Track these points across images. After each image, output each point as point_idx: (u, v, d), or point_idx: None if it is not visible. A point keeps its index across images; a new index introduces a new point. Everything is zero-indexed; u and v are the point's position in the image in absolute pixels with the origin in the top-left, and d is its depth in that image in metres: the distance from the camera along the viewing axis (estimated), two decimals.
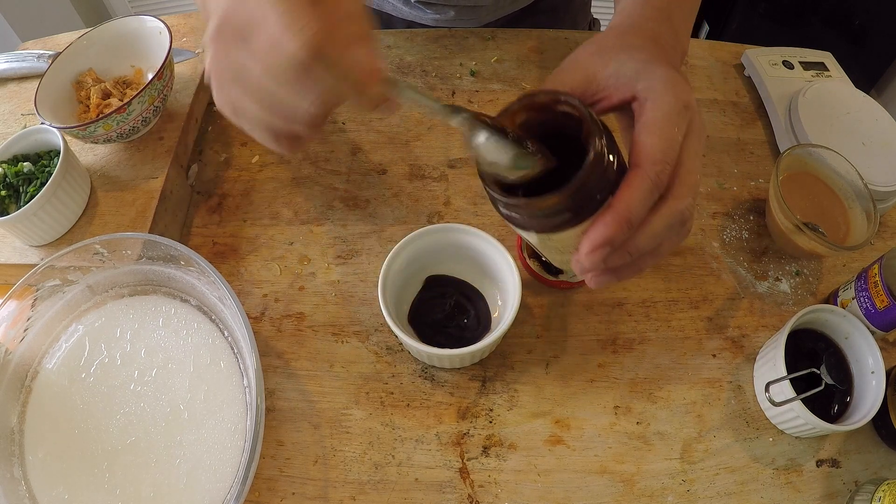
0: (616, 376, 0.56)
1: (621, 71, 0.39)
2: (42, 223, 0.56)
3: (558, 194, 0.34)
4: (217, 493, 0.48)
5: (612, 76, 0.40)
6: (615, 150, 0.36)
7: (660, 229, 0.37)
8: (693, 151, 0.37)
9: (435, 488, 0.50)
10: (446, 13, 0.80)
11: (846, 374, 0.53)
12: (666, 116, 0.36)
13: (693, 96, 0.38)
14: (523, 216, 0.37)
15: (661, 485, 0.51)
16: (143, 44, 0.66)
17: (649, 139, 0.36)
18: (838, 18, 1.72)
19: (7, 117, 0.71)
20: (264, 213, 0.65)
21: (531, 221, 0.37)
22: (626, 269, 0.39)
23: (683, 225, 0.38)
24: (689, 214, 0.38)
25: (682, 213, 0.37)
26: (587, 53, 0.42)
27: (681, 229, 0.39)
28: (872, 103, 0.69)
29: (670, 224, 0.37)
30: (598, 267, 0.37)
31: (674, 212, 0.37)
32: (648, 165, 0.35)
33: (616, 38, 0.43)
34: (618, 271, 0.39)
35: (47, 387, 0.53)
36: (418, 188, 0.67)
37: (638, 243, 0.37)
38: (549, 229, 0.37)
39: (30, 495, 0.48)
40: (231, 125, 0.72)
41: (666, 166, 0.35)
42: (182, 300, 0.57)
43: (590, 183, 0.34)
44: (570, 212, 0.35)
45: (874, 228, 0.57)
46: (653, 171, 0.35)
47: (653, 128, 0.36)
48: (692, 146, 0.37)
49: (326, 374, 0.56)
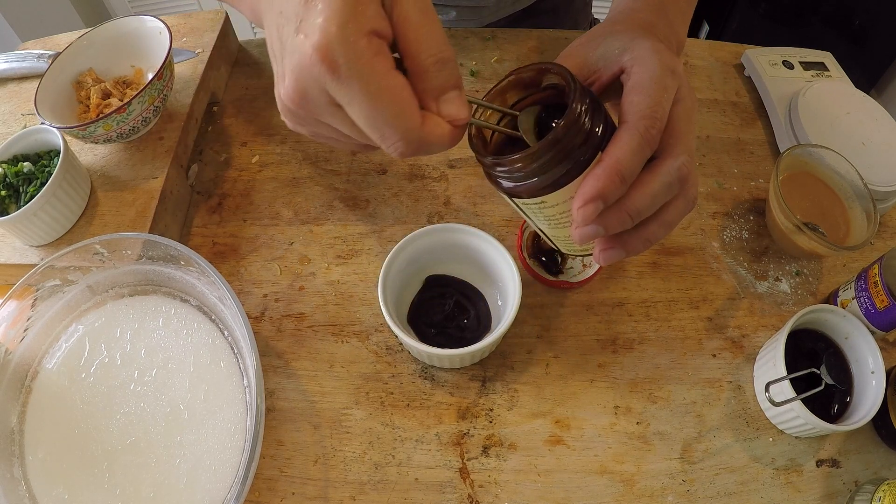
0: (616, 376, 0.56)
1: (609, 50, 0.40)
2: (42, 223, 0.56)
3: (540, 144, 0.33)
4: (217, 493, 0.48)
5: (601, 58, 0.40)
6: (602, 112, 0.35)
7: (656, 187, 0.36)
8: (684, 115, 0.37)
9: (435, 488, 0.50)
10: (448, 13, 0.80)
11: (846, 374, 0.53)
12: (652, 78, 0.36)
13: (681, 65, 0.38)
14: (513, 177, 0.36)
15: (661, 485, 0.51)
16: (143, 44, 0.66)
17: (636, 98, 0.36)
18: (838, 18, 1.72)
19: (7, 117, 0.71)
20: (264, 213, 0.65)
21: (521, 186, 0.36)
22: (633, 240, 0.38)
23: (683, 184, 0.37)
24: (688, 172, 0.37)
25: (679, 170, 0.36)
26: (578, 44, 0.43)
27: (682, 192, 0.38)
28: (872, 103, 0.69)
29: (668, 182, 0.36)
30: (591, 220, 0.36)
31: (669, 169, 0.36)
32: (636, 120, 0.35)
33: (606, 26, 0.44)
34: (624, 242, 0.38)
35: (47, 387, 0.53)
36: (418, 188, 0.67)
37: (634, 202, 0.36)
38: (539, 191, 0.36)
39: (30, 495, 0.48)
40: (231, 125, 0.72)
41: (655, 121, 0.35)
42: (182, 300, 0.57)
43: (571, 134, 0.33)
44: (555, 165, 0.34)
45: (874, 228, 0.57)
46: (641, 124, 0.35)
47: (639, 88, 0.36)
48: (683, 110, 0.37)
49: (326, 374, 0.56)
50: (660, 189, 0.36)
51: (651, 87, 0.36)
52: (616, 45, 0.39)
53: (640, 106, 0.35)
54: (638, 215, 0.36)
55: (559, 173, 0.35)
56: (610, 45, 0.40)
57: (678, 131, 0.37)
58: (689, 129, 0.37)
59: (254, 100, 0.75)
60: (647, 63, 0.37)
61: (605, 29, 0.43)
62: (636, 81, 0.36)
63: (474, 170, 0.68)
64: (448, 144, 0.35)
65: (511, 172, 0.36)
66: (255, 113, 0.73)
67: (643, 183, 0.36)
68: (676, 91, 0.37)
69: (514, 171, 0.35)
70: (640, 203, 0.36)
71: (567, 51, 0.43)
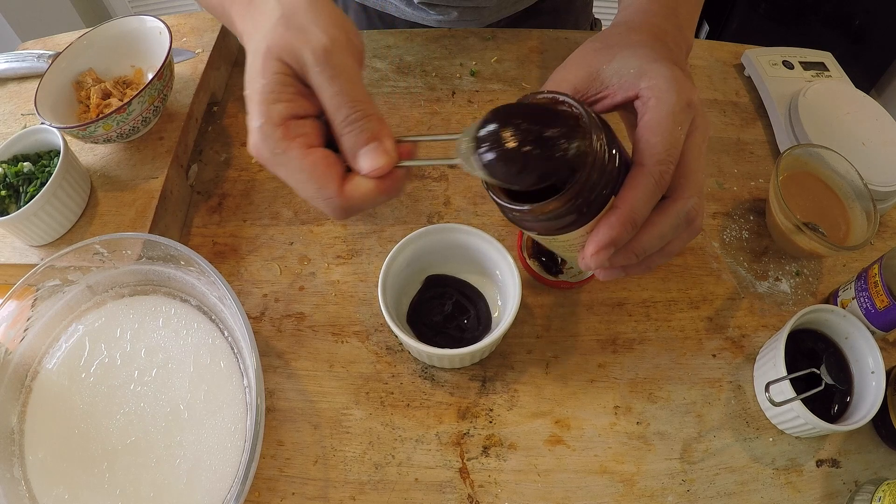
0: (616, 376, 0.56)
1: (624, 68, 0.39)
2: (42, 223, 0.56)
3: (560, 199, 0.34)
4: (217, 493, 0.48)
5: (615, 74, 0.40)
6: (616, 145, 0.35)
7: (665, 230, 0.37)
8: (696, 149, 0.37)
9: (435, 488, 0.50)
10: (449, 14, 0.80)
11: (846, 374, 0.53)
12: (669, 115, 0.36)
13: (697, 94, 0.38)
14: (529, 220, 0.37)
15: (661, 485, 0.51)
16: (143, 44, 0.66)
17: (653, 138, 0.36)
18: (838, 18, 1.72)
19: (7, 117, 0.71)
20: (264, 213, 0.65)
21: (536, 225, 0.37)
22: (635, 268, 0.39)
23: (690, 224, 0.38)
24: (696, 213, 0.38)
25: (688, 214, 0.37)
26: (591, 50, 0.42)
27: (688, 228, 0.39)
28: (872, 103, 0.69)
29: (675, 224, 0.37)
30: (604, 266, 0.37)
31: (679, 212, 0.37)
32: (652, 165, 0.35)
33: (620, 34, 0.43)
34: (626, 268, 0.39)
35: (47, 387, 0.53)
36: (418, 188, 0.67)
37: (643, 243, 0.37)
38: (555, 231, 0.37)
39: (30, 495, 0.48)
40: (231, 125, 0.72)
41: (669, 165, 0.36)
42: (182, 300, 0.57)
43: (590, 184, 0.34)
44: (573, 214, 0.35)
45: (874, 228, 0.57)
46: (656, 170, 0.35)
47: (656, 127, 0.36)
48: (695, 144, 0.37)
49: (326, 374, 0.56)
50: (668, 231, 0.37)
51: (668, 127, 0.36)
52: (632, 63, 0.39)
53: (657, 149, 0.36)
54: (644, 254, 0.38)
55: (575, 218, 0.35)
56: (626, 63, 0.39)
57: (690, 169, 0.37)
58: (700, 165, 0.38)
59: None
60: (664, 97, 0.37)
61: (619, 38, 0.43)
62: (653, 118, 0.37)
63: None
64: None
65: (524, 218, 0.36)
66: None
67: (653, 224, 0.37)
68: (691, 122, 0.37)
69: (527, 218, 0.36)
70: (648, 244, 0.37)
71: (580, 56, 0.42)
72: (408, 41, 0.79)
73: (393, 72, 0.76)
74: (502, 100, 0.73)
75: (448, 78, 0.76)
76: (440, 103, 0.73)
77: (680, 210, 0.37)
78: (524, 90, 0.74)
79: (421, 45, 0.79)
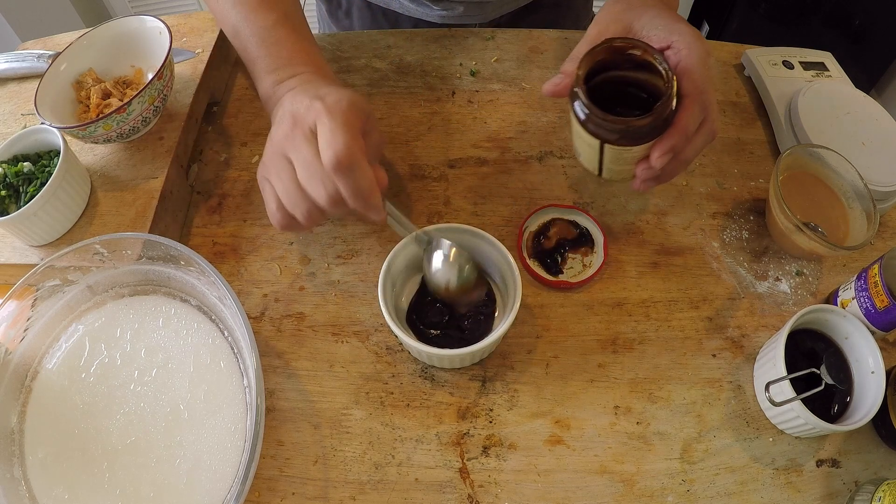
0: (616, 376, 0.56)
1: (653, 24, 0.51)
2: (42, 223, 0.56)
3: (651, 116, 0.46)
4: (217, 493, 0.48)
5: (646, 27, 0.52)
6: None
7: (700, 143, 0.50)
8: (713, 85, 0.50)
9: (435, 488, 0.50)
10: (454, 9, 0.80)
11: (846, 374, 0.53)
12: (700, 60, 0.49)
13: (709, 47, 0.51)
14: (615, 133, 0.47)
15: (661, 485, 0.51)
16: (143, 44, 0.66)
17: (695, 76, 0.49)
18: (838, 18, 1.72)
19: (7, 117, 0.71)
20: (264, 213, 0.65)
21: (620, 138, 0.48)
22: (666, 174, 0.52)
23: (713, 139, 0.51)
24: (716, 127, 0.51)
25: (714, 132, 0.51)
26: (619, 9, 0.53)
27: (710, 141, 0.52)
28: (872, 103, 0.69)
29: (707, 140, 0.51)
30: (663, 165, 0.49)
31: (710, 130, 0.50)
32: (697, 95, 0.48)
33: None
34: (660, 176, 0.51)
35: (47, 387, 0.53)
36: (418, 188, 0.67)
37: (687, 153, 0.50)
38: (634, 142, 0.48)
39: (30, 495, 0.48)
40: (231, 125, 0.72)
41: (707, 95, 0.49)
42: (182, 300, 0.57)
43: (668, 110, 0.47)
44: (655, 130, 0.47)
45: (874, 228, 0.57)
46: (700, 99, 0.48)
47: (694, 70, 0.49)
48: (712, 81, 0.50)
49: (326, 374, 0.56)
50: (702, 144, 0.51)
51: (702, 68, 0.49)
52: (659, 22, 0.51)
53: (698, 83, 0.49)
54: (686, 161, 0.51)
55: (649, 133, 0.48)
56: (654, 21, 0.51)
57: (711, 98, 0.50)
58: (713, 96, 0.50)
59: (254, 100, 0.75)
60: (694, 46, 0.49)
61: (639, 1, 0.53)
62: (690, 62, 0.49)
63: (474, 170, 0.68)
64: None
65: (614, 130, 0.47)
66: (255, 113, 0.73)
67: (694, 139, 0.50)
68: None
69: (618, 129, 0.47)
70: (689, 154, 0.50)
71: (612, 14, 0.53)
72: (408, 41, 0.79)
73: (393, 72, 0.76)
74: (502, 100, 0.73)
75: (448, 78, 0.76)
76: (440, 103, 0.73)
77: (711, 129, 0.50)
78: (524, 90, 0.74)
79: (421, 44, 0.79)
